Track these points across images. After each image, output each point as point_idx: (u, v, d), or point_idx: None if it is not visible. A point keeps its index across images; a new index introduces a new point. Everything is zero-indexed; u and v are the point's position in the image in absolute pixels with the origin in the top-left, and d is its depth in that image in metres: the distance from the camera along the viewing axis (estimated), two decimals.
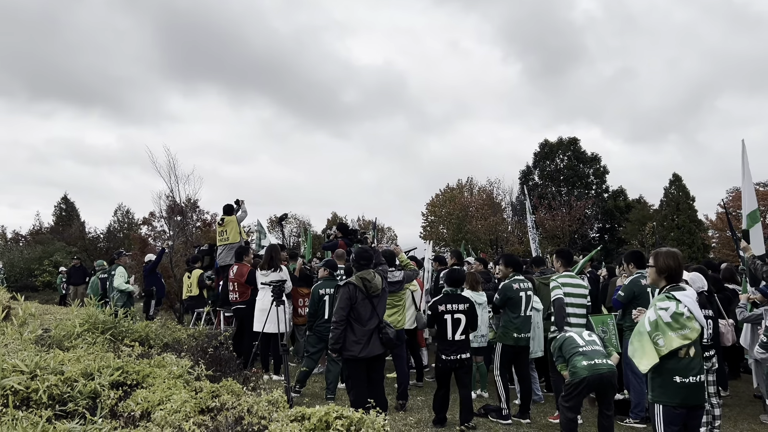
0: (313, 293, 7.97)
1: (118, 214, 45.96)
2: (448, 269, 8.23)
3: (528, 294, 7.05)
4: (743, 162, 7.91)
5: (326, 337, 7.69)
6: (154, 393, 3.91)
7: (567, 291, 6.45)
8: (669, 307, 4.08)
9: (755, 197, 8.12)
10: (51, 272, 26.32)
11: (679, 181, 40.21)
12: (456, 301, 6.53)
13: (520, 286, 7.03)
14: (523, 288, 7.04)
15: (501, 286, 7.19)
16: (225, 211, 11.84)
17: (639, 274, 6.81)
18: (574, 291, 6.51)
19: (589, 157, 47.58)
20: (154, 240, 24.50)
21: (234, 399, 3.85)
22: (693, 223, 38.77)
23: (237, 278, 9.08)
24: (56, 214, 46.75)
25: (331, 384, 7.50)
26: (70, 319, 6.63)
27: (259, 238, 14.59)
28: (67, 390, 4.02)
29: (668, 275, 4.21)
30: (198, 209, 23.11)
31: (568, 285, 6.49)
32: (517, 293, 6.98)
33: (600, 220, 46.19)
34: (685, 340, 4.03)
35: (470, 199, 44.07)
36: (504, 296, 7.00)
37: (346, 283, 5.81)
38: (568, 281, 6.55)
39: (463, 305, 6.52)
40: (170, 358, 5.04)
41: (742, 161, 7.91)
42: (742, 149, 7.92)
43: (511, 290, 7.00)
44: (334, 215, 50.28)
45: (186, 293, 12.76)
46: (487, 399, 7.89)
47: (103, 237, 40.69)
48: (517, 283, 7.05)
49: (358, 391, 5.63)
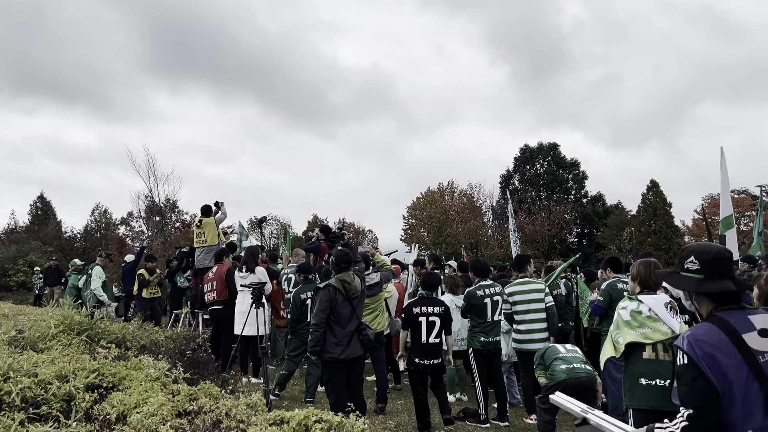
0: (294, 298, 7.91)
1: (95, 214, 45.39)
2: (424, 273, 8.25)
3: (495, 299, 7.09)
4: (722, 169, 8.04)
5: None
6: (130, 396, 3.86)
7: (515, 299, 7.06)
8: (628, 305, 4.27)
9: (731, 204, 8.27)
10: (26, 272, 25.95)
11: (657, 187, 40.70)
12: (431, 304, 6.55)
13: (485, 292, 7.06)
14: (489, 294, 7.07)
15: (466, 292, 7.27)
16: (203, 213, 11.63)
17: (616, 278, 6.94)
18: (524, 297, 7.06)
19: (569, 162, 48.04)
20: (132, 240, 24.27)
21: (212, 402, 3.81)
22: (670, 229, 39.26)
23: (216, 278, 8.93)
24: (32, 213, 46.01)
25: (310, 387, 7.46)
26: (45, 320, 6.51)
27: (240, 240, 14.52)
28: (41, 392, 3.95)
29: (640, 281, 4.37)
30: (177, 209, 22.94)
31: (516, 293, 7.09)
32: (482, 300, 7.02)
33: (579, 225, 46.63)
34: (645, 339, 4.11)
35: (451, 203, 44.26)
36: (468, 303, 7.07)
37: (325, 285, 5.79)
38: (516, 289, 7.11)
39: (438, 308, 6.54)
40: (147, 360, 4.98)
41: (721, 168, 8.04)
42: (720, 156, 8.06)
43: (474, 297, 7.05)
44: (314, 217, 50.12)
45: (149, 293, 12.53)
46: (466, 402, 7.91)
47: (79, 237, 40.23)
48: (482, 289, 7.09)
49: (338, 394, 5.62)
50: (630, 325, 4.17)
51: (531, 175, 48.04)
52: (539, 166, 48.29)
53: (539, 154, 48.40)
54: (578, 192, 47.63)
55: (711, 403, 2.30)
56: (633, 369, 4.17)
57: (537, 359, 5.96)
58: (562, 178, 47.51)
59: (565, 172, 47.88)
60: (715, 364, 2.32)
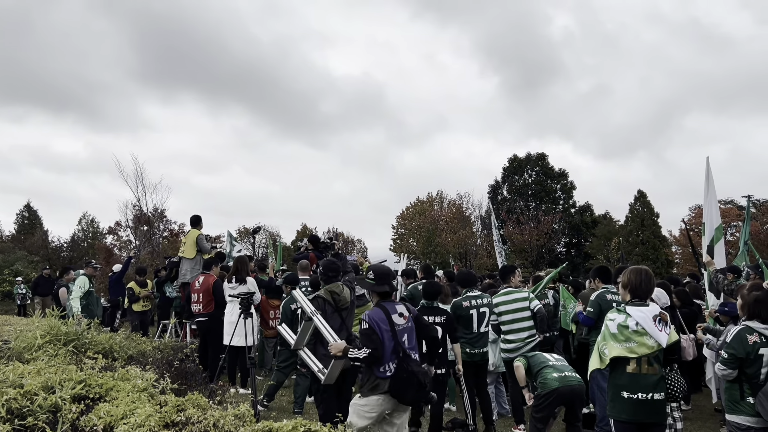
0: (284, 310, 7.83)
1: (82, 223, 45.05)
2: (425, 282, 8.25)
3: (482, 311, 7.09)
4: (707, 179, 8.08)
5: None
6: (117, 407, 3.83)
7: (501, 310, 7.01)
8: (616, 318, 4.27)
9: (719, 213, 8.33)
10: (11, 282, 25.67)
11: (644, 198, 41.07)
12: (433, 314, 6.52)
13: (471, 303, 7.08)
14: (475, 305, 7.09)
15: (452, 303, 7.27)
16: (191, 223, 11.42)
17: (605, 288, 6.95)
18: (509, 307, 7.03)
19: (557, 172, 48.38)
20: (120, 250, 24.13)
21: (200, 413, 3.79)
22: (657, 239, 39.60)
23: (203, 289, 8.86)
24: (18, 222, 45.63)
25: (299, 398, 7.43)
26: (31, 330, 6.45)
27: (230, 249, 14.45)
28: (27, 404, 3.91)
29: (631, 290, 4.36)
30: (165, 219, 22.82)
31: (501, 304, 7.04)
32: (467, 311, 7.04)
33: (567, 235, 46.91)
34: (630, 353, 4.12)
35: (440, 213, 44.39)
36: (454, 314, 7.03)
37: (314, 296, 5.76)
38: (501, 300, 7.07)
39: (439, 317, 6.52)
40: (135, 371, 4.94)
41: (706, 178, 8.09)
42: (706, 166, 8.10)
43: (460, 308, 7.06)
44: (303, 227, 50.04)
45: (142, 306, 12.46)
46: (455, 413, 7.90)
47: (66, 246, 39.89)
48: (468, 300, 7.10)
49: (328, 405, 5.59)
50: (616, 338, 4.18)
51: (519, 185, 48.34)
52: (527, 176, 48.60)
53: (527, 164, 48.73)
54: (566, 202, 47.97)
55: (379, 345, 4.53)
56: (616, 381, 4.22)
57: (521, 351, 5.98)
58: (550, 188, 47.84)
59: (554, 182, 48.23)
60: (380, 328, 4.59)
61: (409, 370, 4.56)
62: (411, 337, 4.83)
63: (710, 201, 8.21)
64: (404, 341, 4.72)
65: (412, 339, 4.83)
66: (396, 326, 4.68)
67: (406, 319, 4.81)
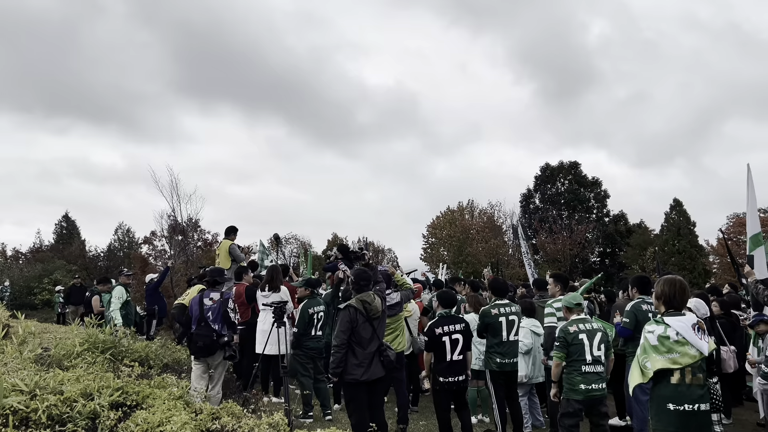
0: (302, 313, 7.88)
1: (119, 233, 46.01)
2: (439, 291, 8.18)
3: (510, 319, 6.97)
4: (748, 186, 7.92)
5: (313, 354, 7.78)
6: (153, 414, 3.88)
7: (562, 315, 6.46)
8: (655, 330, 4.14)
9: (758, 221, 8.13)
10: (50, 290, 26.30)
11: (680, 206, 40.20)
12: (452, 322, 6.48)
13: (500, 311, 6.96)
14: (504, 313, 6.96)
15: (481, 310, 7.18)
16: (225, 232, 11.65)
17: (641, 299, 6.79)
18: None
19: (590, 181, 47.69)
20: (155, 259, 24.51)
21: (234, 421, 3.82)
22: (694, 249, 38.65)
23: (236, 298, 8.95)
24: (57, 232, 46.78)
25: (324, 400, 7.46)
26: (70, 338, 6.60)
27: (262, 258, 14.57)
28: (67, 410, 3.99)
29: (665, 301, 4.26)
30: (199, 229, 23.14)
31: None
32: (496, 318, 6.91)
33: (601, 245, 46.11)
34: (673, 364, 4.01)
35: (471, 222, 44.11)
36: (482, 322, 6.96)
37: (346, 305, 5.78)
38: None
39: (459, 325, 6.48)
40: (170, 378, 5.02)
41: (748, 186, 7.92)
42: (747, 174, 7.93)
43: (489, 316, 6.95)
44: (334, 236, 50.25)
45: None
46: (488, 424, 7.81)
47: (103, 256, 40.70)
48: (497, 308, 6.99)
49: (360, 416, 5.58)
50: (658, 350, 4.06)
51: (552, 194, 47.75)
52: (560, 185, 47.98)
53: (560, 173, 48.14)
54: (600, 211, 47.21)
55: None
56: (660, 393, 4.08)
57: (558, 338, 5.78)
58: (583, 197, 47.13)
59: (587, 191, 47.52)
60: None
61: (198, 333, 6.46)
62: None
63: (751, 210, 8.03)
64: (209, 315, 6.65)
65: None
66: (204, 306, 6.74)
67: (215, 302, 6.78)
